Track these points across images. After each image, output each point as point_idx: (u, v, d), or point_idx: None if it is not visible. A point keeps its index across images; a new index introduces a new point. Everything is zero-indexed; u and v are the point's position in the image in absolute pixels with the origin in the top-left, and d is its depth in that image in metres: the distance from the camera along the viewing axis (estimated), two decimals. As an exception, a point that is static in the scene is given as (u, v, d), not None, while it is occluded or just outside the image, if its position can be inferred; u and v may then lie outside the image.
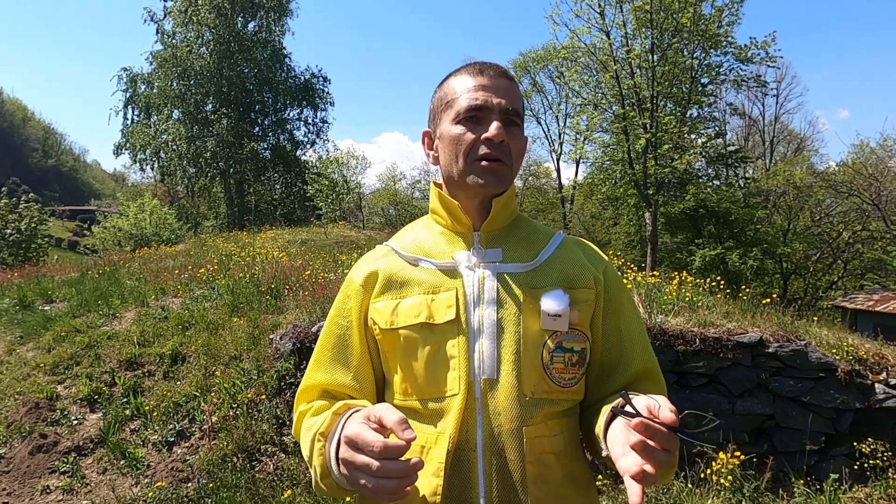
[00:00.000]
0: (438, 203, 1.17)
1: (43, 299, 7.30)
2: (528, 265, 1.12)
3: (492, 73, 1.11)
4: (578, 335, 1.08)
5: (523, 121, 1.16)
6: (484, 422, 1.02)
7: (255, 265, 7.34)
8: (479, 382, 1.04)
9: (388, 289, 1.13)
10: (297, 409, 1.15)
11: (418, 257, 1.15)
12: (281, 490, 3.69)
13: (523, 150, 1.15)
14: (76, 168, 78.32)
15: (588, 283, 1.12)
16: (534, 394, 1.04)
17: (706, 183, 21.04)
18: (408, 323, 1.08)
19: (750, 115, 28.15)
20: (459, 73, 1.14)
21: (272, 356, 4.57)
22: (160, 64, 23.70)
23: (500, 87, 1.10)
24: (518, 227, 1.18)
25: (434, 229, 1.19)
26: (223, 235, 14.83)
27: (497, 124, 1.06)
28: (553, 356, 1.06)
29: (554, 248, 1.16)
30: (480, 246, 1.13)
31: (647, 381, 1.14)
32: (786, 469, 3.95)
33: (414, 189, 31.82)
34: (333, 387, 1.13)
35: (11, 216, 17.06)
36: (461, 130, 1.09)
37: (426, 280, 1.11)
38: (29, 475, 3.90)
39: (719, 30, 15.39)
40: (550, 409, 1.06)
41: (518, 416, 1.02)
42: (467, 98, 1.09)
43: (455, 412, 1.03)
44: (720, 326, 4.29)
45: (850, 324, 14.30)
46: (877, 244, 20.37)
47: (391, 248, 1.20)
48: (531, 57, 28.21)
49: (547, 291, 1.08)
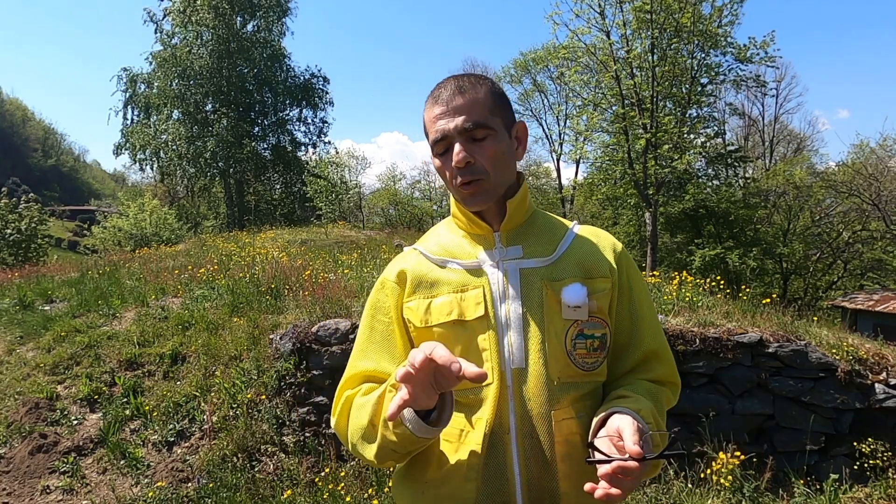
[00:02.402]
0: (458, 210, 1.25)
1: (43, 299, 7.30)
2: (547, 259, 1.19)
3: (446, 95, 1.15)
4: (598, 322, 1.17)
5: (499, 118, 1.17)
6: (516, 407, 1.12)
7: (255, 265, 7.34)
8: (509, 372, 1.13)
9: (418, 289, 1.21)
10: (340, 396, 1.22)
11: (445, 259, 1.23)
12: (281, 490, 3.70)
13: (505, 149, 1.17)
14: (76, 168, 78.32)
15: (604, 273, 1.20)
16: (560, 379, 1.13)
17: (706, 183, 21.05)
18: (441, 321, 1.17)
19: (749, 115, 28.17)
20: (427, 103, 1.19)
21: (272, 356, 4.57)
22: (160, 64, 23.68)
23: (457, 107, 1.13)
24: (535, 223, 1.25)
25: (457, 232, 1.27)
26: (223, 235, 14.81)
27: (457, 149, 1.12)
28: (576, 343, 1.15)
29: (570, 241, 1.23)
30: (501, 245, 1.21)
31: (656, 360, 1.24)
32: (786, 469, 3.95)
33: (414, 189, 31.82)
34: (378, 374, 1.20)
35: (11, 216, 17.06)
36: (439, 164, 1.19)
37: (454, 280, 1.20)
38: (29, 475, 3.90)
39: (718, 29, 15.39)
40: (576, 393, 1.15)
41: (547, 401, 1.12)
42: (432, 133, 1.16)
43: (490, 400, 1.12)
44: (720, 326, 4.29)
45: (850, 324, 14.29)
46: (877, 244, 20.36)
47: (418, 251, 1.28)
48: (531, 57, 28.19)
49: (567, 284, 1.16)
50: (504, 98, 1.22)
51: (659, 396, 1.20)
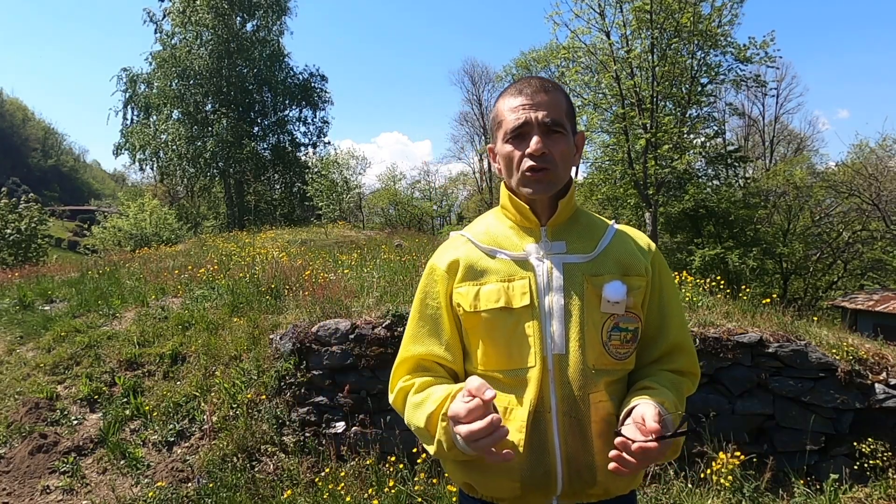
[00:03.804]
0: (509, 202, 1.35)
1: (43, 299, 7.30)
2: (588, 256, 1.30)
3: (530, 90, 1.27)
4: (632, 317, 1.28)
5: (569, 124, 1.30)
6: (557, 389, 1.24)
7: (255, 265, 7.33)
8: (551, 357, 1.25)
9: (468, 276, 1.32)
10: (394, 381, 1.36)
11: (494, 249, 1.33)
12: (281, 490, 3.69)
13: (572, 150, 1.31)
14: (76, 168, 78.30)
15: (640, 272, 1.31)
16: (595, 366, 1.25)
17: (706, 183, 21.05)
18: (489, 307, 1.27)
19: (750, 115, 28.20)
20: (506, 94, 1.32)
21: (272, 356, 4.57)
22: (159, 64, 23.70)
23: (539, 103, 1.26)
24: (578, 221, 1.36)
25: (505, 222, 1.37)
26: (223, 235, 14.80)
27: (536, 139, 1.24)
28: (611, 335, 1.26)
29: (610, 239, 1.34)
30: (547, 239, 1.31)
31: (680, 352, 1.35)
32: (786, 469, 3.95)
33: (414, 189, 31.83)
34: (429, 357, 1.34)
35: (11, 216, 17.06)
36: (510, 149, 1.28)
37: (502, 269, 1.30)
38: (29, 475, 3.90)
39: (718, 29, 15.40)
40: (609, 379, 1.26)
41: (584, 385, 1.23)
42: (511, 119, 1.27)
43: (534, 381, 1.24)
44: (720, 326, 4.29)
45: (850, 324, 14.28)
46: (877, 244, 20.36)
47: (467, 237, 1.38)
48: (532, 56, 28.18)
49: (607, 280, 1.27)
50: (573, 108, 1.36)
51: (680, 387, 1.31)
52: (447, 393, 1.18)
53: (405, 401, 1.31)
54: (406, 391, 1.31)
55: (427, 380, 1.29)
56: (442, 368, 1.34)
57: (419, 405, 1.25)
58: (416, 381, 1.30)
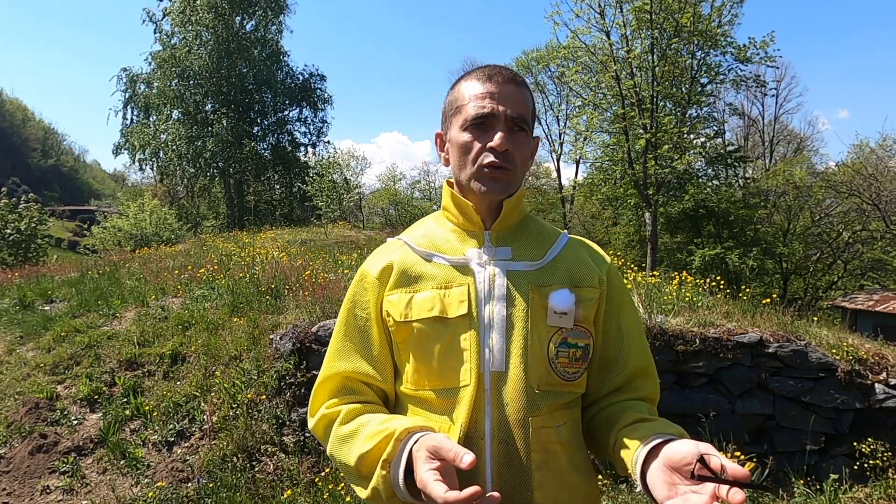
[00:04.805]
0: (451, 202, 1.21)
1: (43, 299, 7.30)
2: (536, 264, 1.17)
3: (500, 79, 1.14)
4: (582, 332, 1.14)
5: (532, 125, 1.18)
6: (493, 411, 1.08)
7: (255, 265, 7.33)
8: (488, 375, 1.09)
9: (401, 282, 1.17)
10: (315, 404, 1.20)
11: (431, 252, 1.19)
12: (281, 490, 3.69)
13: (530, 154, 1.18)
14: (76, 168, 78.33)
15: (593, 283, 1.17)
16: (539, 386, 1.09)
17: (706, 183, 21.05)
18: (421, 316, 1.13)
19: (749, 115, 28.17)
20: (469, 78, 1.17)
21: (272, 356, 4.57)
22: (159, 64, 23.71)
23: (507, 95, 1.12)
24: (527, 227, 1.22)
25: (445, 226, 1.23)
26: (223, 235, 14.82)
27: (501, 134, 1.10)
28: (558, 351, 1.11)
29: (560, 248, 1.21)
30: (491, 244, 1.17)
31: (643, 378, 1.21)
32: (786, 469, 3.95)
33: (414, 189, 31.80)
34: (355, 375, 1.18)
35: (11, 216, 17.07)
36: (468, 138, 1.13)
37: (439, 275, 1.15)
38: (29, 475, 3.90)
39: (718, 29, 15.41)
40: (555, 402, 1.11)
41: (525, 407, 1.08)
42: (474, 106, 1.12)
43: (466, 402, 1.08)
44: (720, 326, 4.29)
45: (850, 324, 14.29)
46: (877, 244, 20.36)
47: (404, 241, 1.23)
48: (532, 56, 28.19)
49: (554, 290, 1.13)
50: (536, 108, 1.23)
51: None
52: (383, 431, 1.03)
53: (328, 430, 1.14)
54: (330, 419, 1.14)
55: (354, 407, 1.13)
56: (370, 389, 1.18)
57: (346, 439, 1.09)
58: (343, 409, 1.13)
